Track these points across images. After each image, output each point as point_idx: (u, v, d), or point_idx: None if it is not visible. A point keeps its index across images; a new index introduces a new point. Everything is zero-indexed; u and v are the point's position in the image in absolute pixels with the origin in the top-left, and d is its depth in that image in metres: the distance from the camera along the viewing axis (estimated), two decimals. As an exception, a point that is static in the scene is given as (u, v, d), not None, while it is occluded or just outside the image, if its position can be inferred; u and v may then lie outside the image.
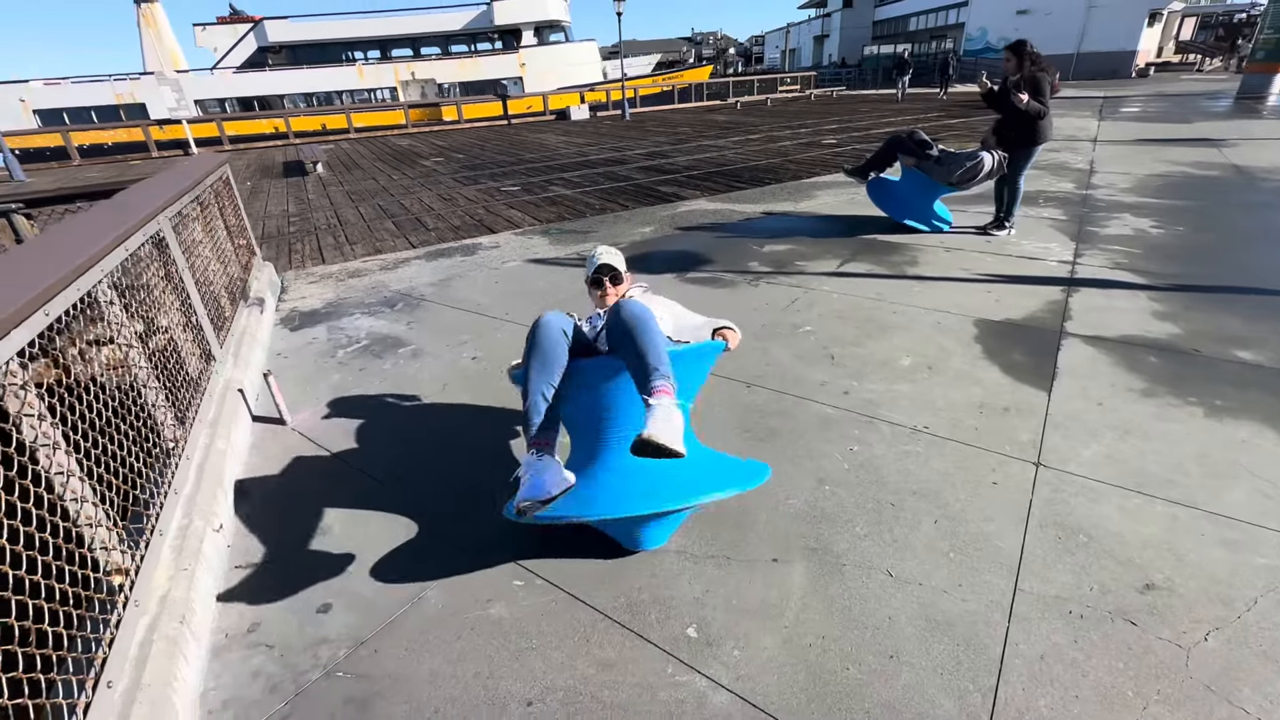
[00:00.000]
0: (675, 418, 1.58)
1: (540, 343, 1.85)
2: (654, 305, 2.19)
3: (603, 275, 2.20)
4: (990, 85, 5.17)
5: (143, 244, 2.37)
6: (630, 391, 1.79)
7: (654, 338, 1.73)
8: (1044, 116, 5.06)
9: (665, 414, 1.57)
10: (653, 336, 1.73)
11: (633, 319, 1.75)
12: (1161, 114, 13.98)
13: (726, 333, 2.08)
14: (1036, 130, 5.13)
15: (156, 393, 2.17)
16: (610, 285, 2.21)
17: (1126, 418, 2.66)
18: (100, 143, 21.33)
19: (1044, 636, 1.69)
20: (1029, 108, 4.92)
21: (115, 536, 1.61)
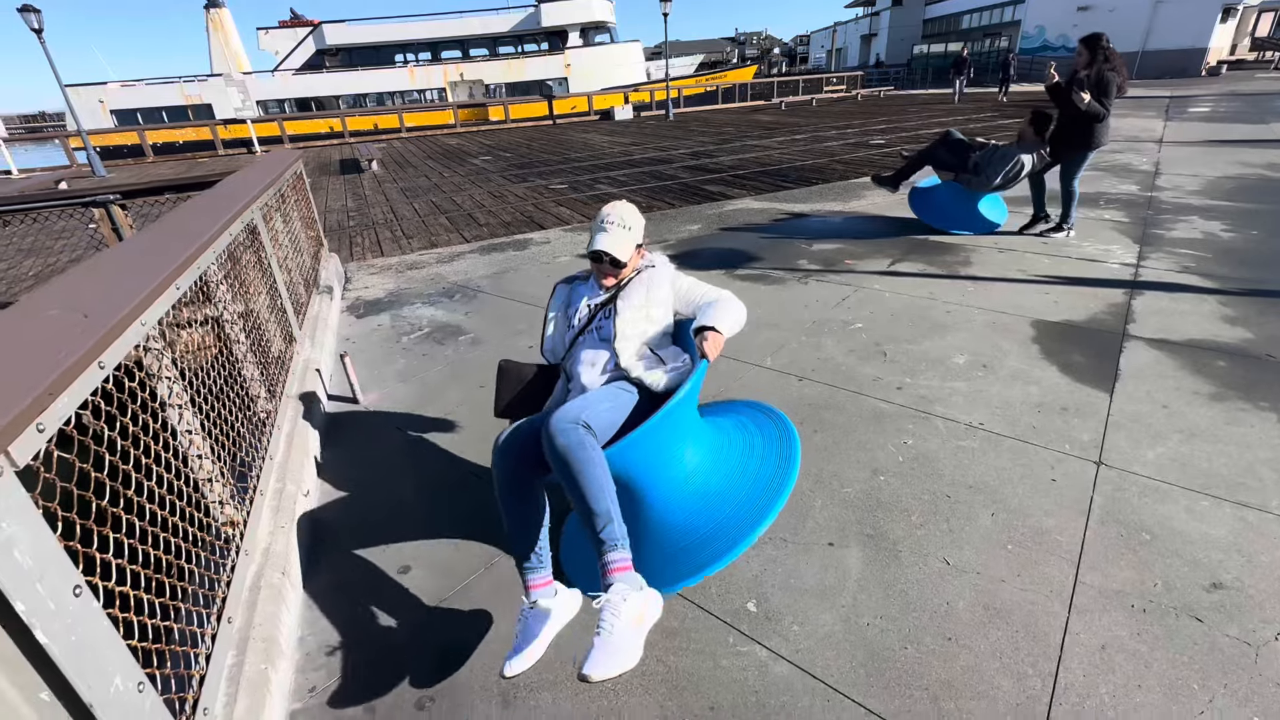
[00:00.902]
0: (630, 617, 1.36)
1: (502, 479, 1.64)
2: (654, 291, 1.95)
3: (599, 261, 1.93)
4: (1056, 78, 5.01)
5: (241, 231, 2.57)
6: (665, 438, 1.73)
7: (591, 484, 1.47)
8: (1103, 119, 4.82)
9: (613, 626, 1.33)
10: (590, 482, 1.46)
11: (563, 460, 1.48)
12: (1234, 114, 13.29)
13: (707, 340, 1.75)
14: (1092, 133, 4.89)
15: (253, 367, 2.35)
16: (610, 267, 1.93)
17: (1194, 421, 2.61)
18: (172, 141, 22.58)
19: (1105, 628, 1.70)
20: (1089, 108, 4.71)
21: (228, 491, 1.78)
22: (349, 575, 2.04)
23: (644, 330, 1.93)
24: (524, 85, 33.91)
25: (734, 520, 1.74)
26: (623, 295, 1.96)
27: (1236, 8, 28.46)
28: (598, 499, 1.47)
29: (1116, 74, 4.75)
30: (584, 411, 1.59)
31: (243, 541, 1.74)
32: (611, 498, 1.50)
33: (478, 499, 2.39)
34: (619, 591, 1.39)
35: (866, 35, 49.61)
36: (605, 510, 1.48)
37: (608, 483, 1.51)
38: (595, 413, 1.63)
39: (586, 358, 1.92)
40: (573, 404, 1.63)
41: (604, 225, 1.91)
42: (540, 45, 35.59)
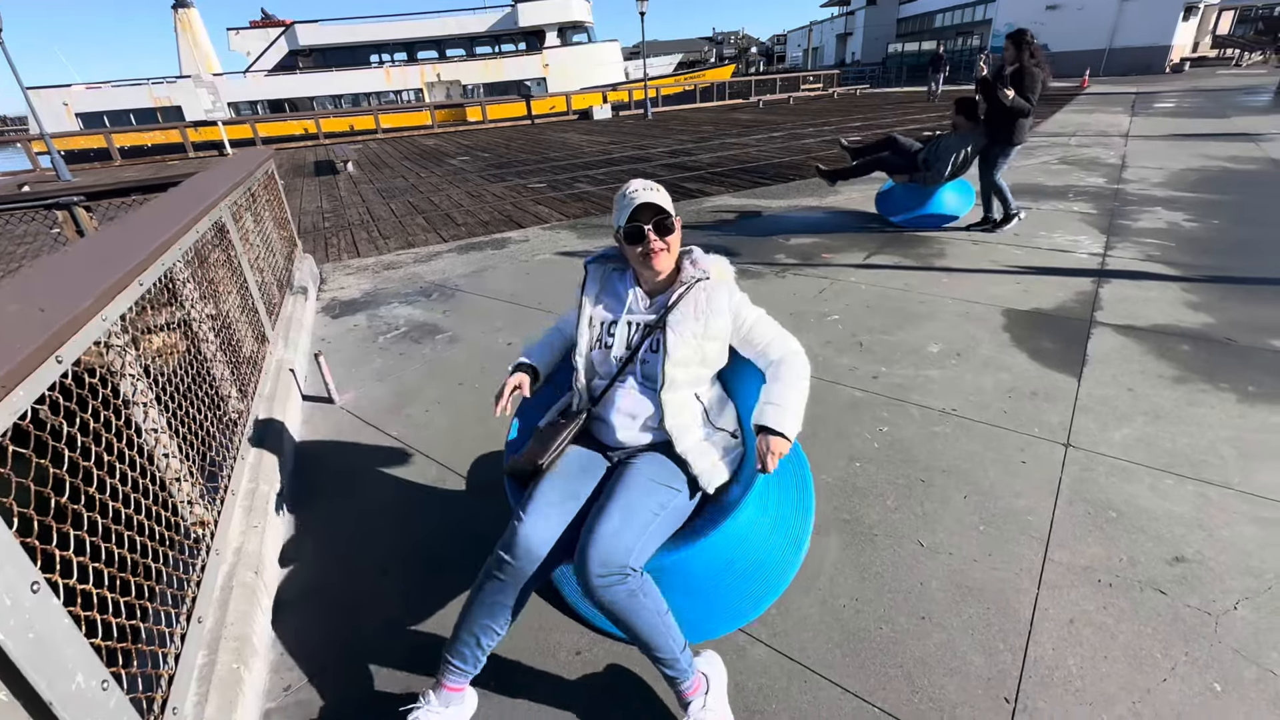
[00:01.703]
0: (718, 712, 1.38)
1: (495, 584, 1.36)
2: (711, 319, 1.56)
3: (642, 222, 1.49)
4: (985, 71, 5.13)
5: (208, 229, 2.53)
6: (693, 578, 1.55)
7: (651, 633, 1.31)
8: (1027, 115, 4.88)
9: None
10: (649, 632, 1.31)
11: (611, 614, 1.30)
12: (1197, 109, 13.68)
13: (770, 450, 1.40)
14: (1014, 129, 4.95)
15: (223, 366, 2.31)
16: (656, 237, 1.50)
17: (1158, 403, 2.68)
18: (140, 144, 22.07)
19: (1073, 602, 1.74)
20: (1013, 103, 4.78)
21: (197, 491, 1.75)
22: (325, 576, 2.02)
23: (697, 375, 1.56)
24: (502, 85, 33.73)
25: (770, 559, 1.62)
26: (673, 318, 1.54)
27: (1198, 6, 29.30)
28: (661, 647, 1.33)
29: (1040, 70, 4.80)
30: (631, 550, 1.30)
31: (213, 541, 1.71)
32: (673, 634, 1.35)
33: (456, 499, 2.37)
34: (699, 707, 1.37)
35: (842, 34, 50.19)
36: (670, 653, 1.34)
37: (667, 623, 1.34)
38: (642, 542, 1.34)
39: (625, 406, 1.56)
40: (607, 532, 1.30)
41: (634, 190, 1.51)
42: (518, 45, 35.42)
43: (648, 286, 1.63)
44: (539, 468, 1.52)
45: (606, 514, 1.35)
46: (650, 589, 1.32)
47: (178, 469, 1.67)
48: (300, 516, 2.31)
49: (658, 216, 1.51)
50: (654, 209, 1.50)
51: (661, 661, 1.35)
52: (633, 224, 1.50)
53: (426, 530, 2.20)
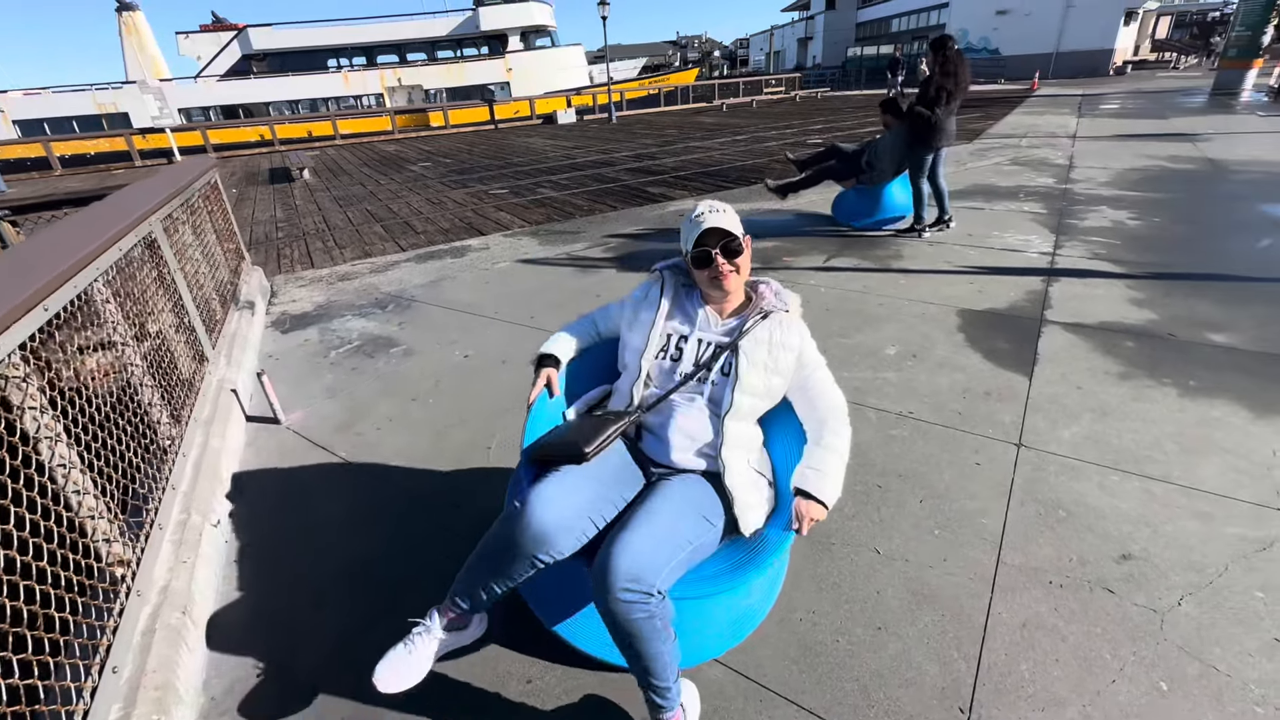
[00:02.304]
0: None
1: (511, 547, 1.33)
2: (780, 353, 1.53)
3: (710, 245, 1.49)
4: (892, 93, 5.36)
5: (135, 244, 2.39)
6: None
7: (657, 660, 1.26)
8: (933, 123, 4.93)
9: None
10: (656, 659, 1.26)
11: (623, 631, 1.23)
12: (1139, 110, 14.25)
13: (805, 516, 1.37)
14: (927, 134, 5.00)
15: (152, 391, 2.19)
16: (724, 260, 1.50)
17: (1104, 400, 2.74)
18: (82, 153, 21.13)
19: (1025, 605, 1.75)
20: (913, 111, 5.00)
21: (116, 529, 1.63)
22: (263, 609, 1.92)
23: (755, 407, 1.55)
24: (465, 90, 33.32)
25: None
26: (745, 343, 1.51)
27: (1138, 11, 30.58)
28: (659, 675, 1.27)
29: (950, 79, 4.84)
30: (661, 572, 1.25)
31: (134, 581, 1.60)
32: (675, 663, 1.29)
33: (406, 521, 2.28)
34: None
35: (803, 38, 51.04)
36: (666, 681, 1.28)
37: (673, 652, 1.28)
38: (671, 567, 1.28)
39: (685, 425, 1.52)
40: (643, 547, 1.25)
41: (700, 214, 1.51)
42: (480, 49, 35.07)
43: (717, 307, 1.61)
44: (581, 454, 1.42)
45: (643, 528, 1.30)
46: (667, 616, 1.26)
47: (93, 506, 1.56)
48: (239, 546, 2.19)
49: (725, 240, 1.50)
50: (721, 233, 1.49)
51: (655, 689, 1.30)
52: (700, 249, 1.50)
53: (373, 554, 2.11)
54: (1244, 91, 17.08)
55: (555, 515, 1.30)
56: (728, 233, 1.49)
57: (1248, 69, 17.25)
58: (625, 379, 1.64)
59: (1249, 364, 2.98)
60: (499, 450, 2.67)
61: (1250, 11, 17.13)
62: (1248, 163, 7.72)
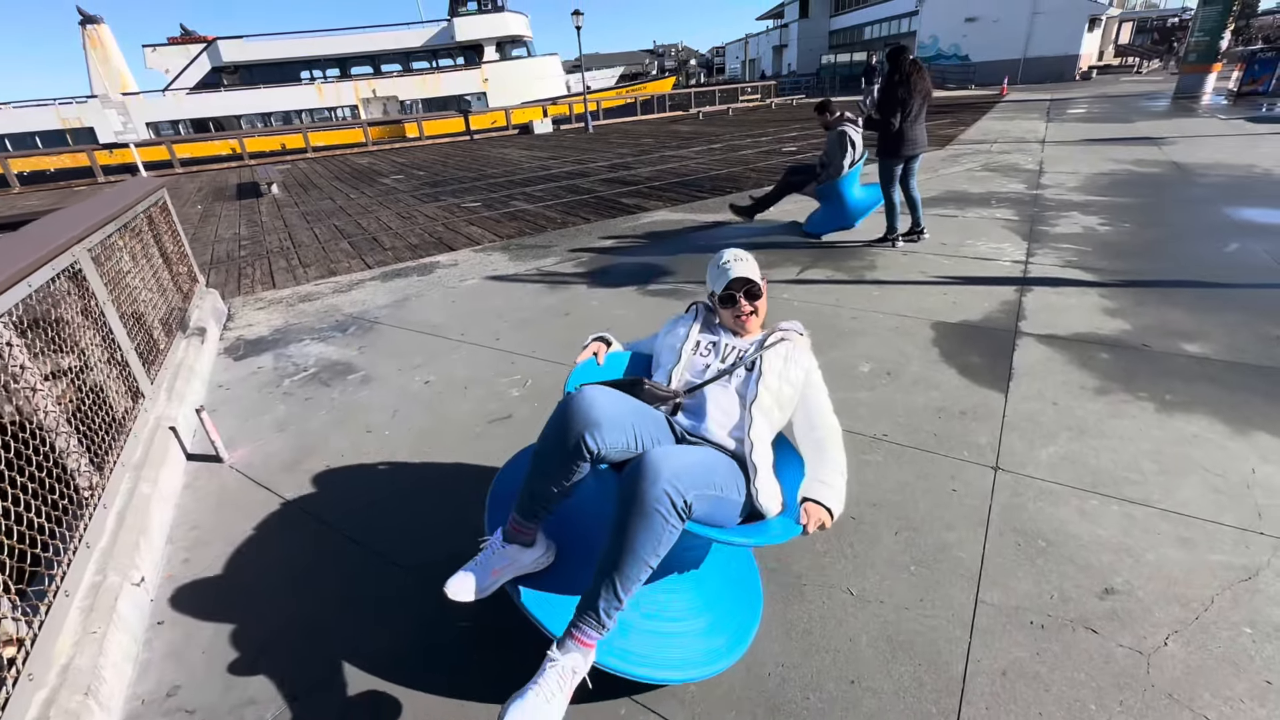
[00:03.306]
0: (569, 691, 1.29)
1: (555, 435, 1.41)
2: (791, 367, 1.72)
3: (736, 291, 1.77)
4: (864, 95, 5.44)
5: (52, 278, 2.22)
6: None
7: (637, 562, 1.28)
8: (889, 131, 4.92)
9: (559, 694, 1.27)
10: (636, 561, 1.28)
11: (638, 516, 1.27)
12: (1105, 115, 14.52)
13: (812, 517, 1.46)
14: (895, 144, 4.99)
15: (68, 438, 2.01)
16: (746, 302, 1.78)
17: (1081, 417, 2.67)
18: (43, 169, 20.54)
19: (1005, 650, 1.65)
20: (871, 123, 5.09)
21: (6, 604, 1.46)
22: (184, 679, 1.75)
23: (771, 407, 1.66)
24: (440, 101, 33.13)
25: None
26: (767, 352, 1.71)
27: (1100, 18, 31.37)
28: (625, 578, 1.29)
29: (903, 88, 4.79)
30: (704, 490, 1.33)
31: (25, 664, 1.43)
32: (636, 587, 1.32)
33: (355, 568, 2.13)
34: (574, 661, 1.31)
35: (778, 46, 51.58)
36: (626, 591, 1.31)
37: (645, 572, 1.31)
38: (707, 499, 1.35)
39: (721, 403, 1.66)
40: (689, 463, 1.34)
41: (727, 262, 1.81)
42: (456, 60, 34.90)
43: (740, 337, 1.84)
44: (639, 382, 1.64)
45: (687, 454, 1.40)
46: (673, 540, 1.31)
47: (-25, 581, 1.39)
48: (165, 606, 2.02)
49: (748, 286, 1.78)
50: (745, 280, 1.78)
51: (612, 592, 1.30)
52: (727, 292, 1.79)
53: (315, 607, 1.95)
54: (1204, 95, 17.53)
55: (606, 405, 1.41)
56: (750, 280, 1.78)
57: (1208, 73, 17.70)
58: (664, 367, 1.83)
59: (1222, 375, 2.94)
60: (456, 488, 2.52)
61: (1209, 17, 17.60)
62: (1211, 166, 7.84)
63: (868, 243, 5.54)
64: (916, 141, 4.98)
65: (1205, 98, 17.27)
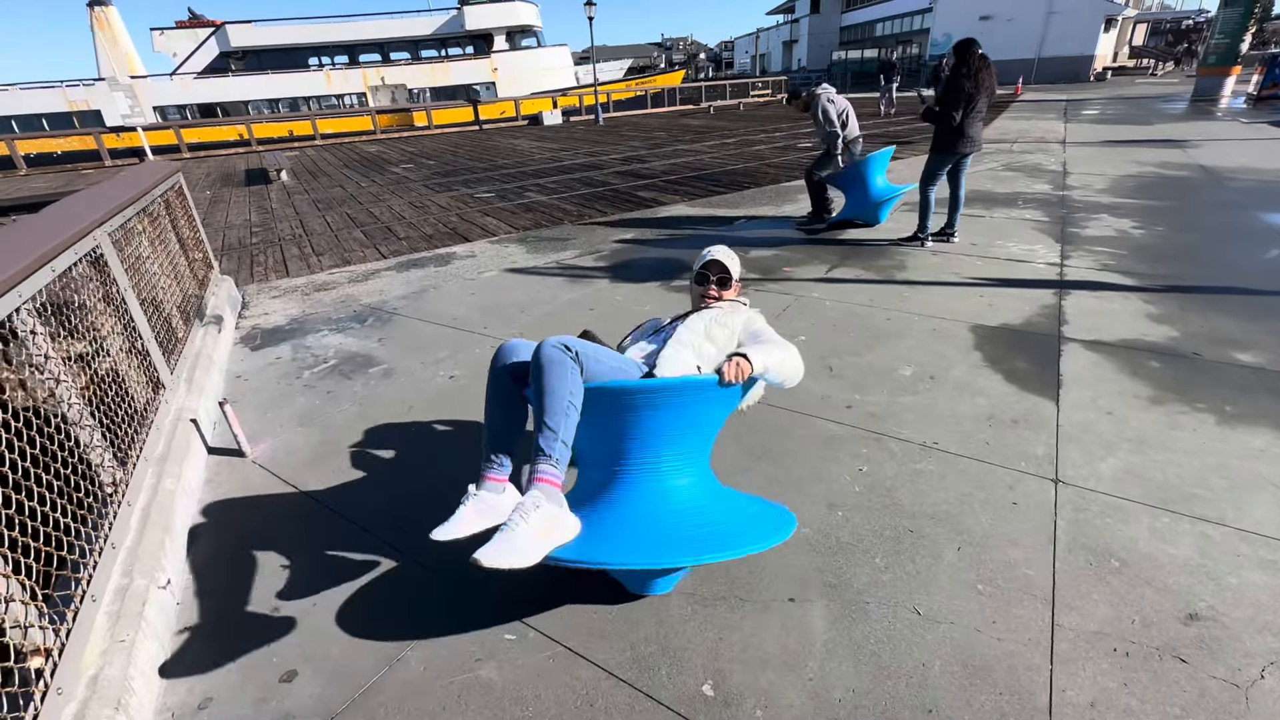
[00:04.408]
0: (538, 523, 1.40)
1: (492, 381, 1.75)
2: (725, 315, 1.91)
3: (710, 272, 2.06)
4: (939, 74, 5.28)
5: (75, 263, 2.12)
6: (646, 422, 1.64)
7: (556, 399, 1.51)
8: (947, 124, 4.75)
9: (517, 526, 1.38)
10: (555, 399, 1.51)
11: (540, 369, 1.54)
12: (1123, 116, 14.33)
13: (730, 362, 1.61)
14: (941, 138, 4.86)
15: (91, 431, 1.91)
16: (716, 286, 2.05)
17: (1139, 428, 2.56)
18: (49, 151, 20.40)
19: (1091, 679, 1.55)
20: (923, 114, 5.00)
21: (34, 611, 1.37)
22: (216, 689, 1.65)
23: (698, 345, 1.84)
24: (449, 90, 32.87)
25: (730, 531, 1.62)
26: (697, 311, 1.97)
27: (1116, 19, 31.04)
28: (554, 413, 1.50)
29: (968, 81, 4.61)
30: (583, 349, 1.60)
31: (54, 676, 1.34)
32: (569, 423, 1.52)
33: (384, 570, 2.03)
34: (535, 499, 1.43)
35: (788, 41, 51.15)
36: (556, 425, 1.50)
37: (572, 410, 1.53)
38: (594, 358, 1.62)
39: (640, 345, 1.95)
40: (576, 339, 1.63)
41: (710, 249, 2.12)
42: (465, 49, 34.62)
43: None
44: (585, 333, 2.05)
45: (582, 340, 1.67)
46: (576, 379, 1.55)
47: (2, 589, 1.29)
48: (191, 611, 1.92)
49: (721, 274, 2.06)
50: (721, 265, 2.06)
51: (544, 431, 1.50)
52: (701, 271, 2.08)
53: (350, 617, 1.86)
54: (1223, 98, 17.32)
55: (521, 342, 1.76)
56: (725, 268, 2.06)
57: (1226, 75, 17.48)
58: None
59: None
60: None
61: (1229, 19, 17.36)
62: (1239, 170, 7.69)
63: (894, 241, 5.42)
64: (974, 139, 4.82)
65: (1224, 101, 17.06)
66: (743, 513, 1.74)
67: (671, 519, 1.60)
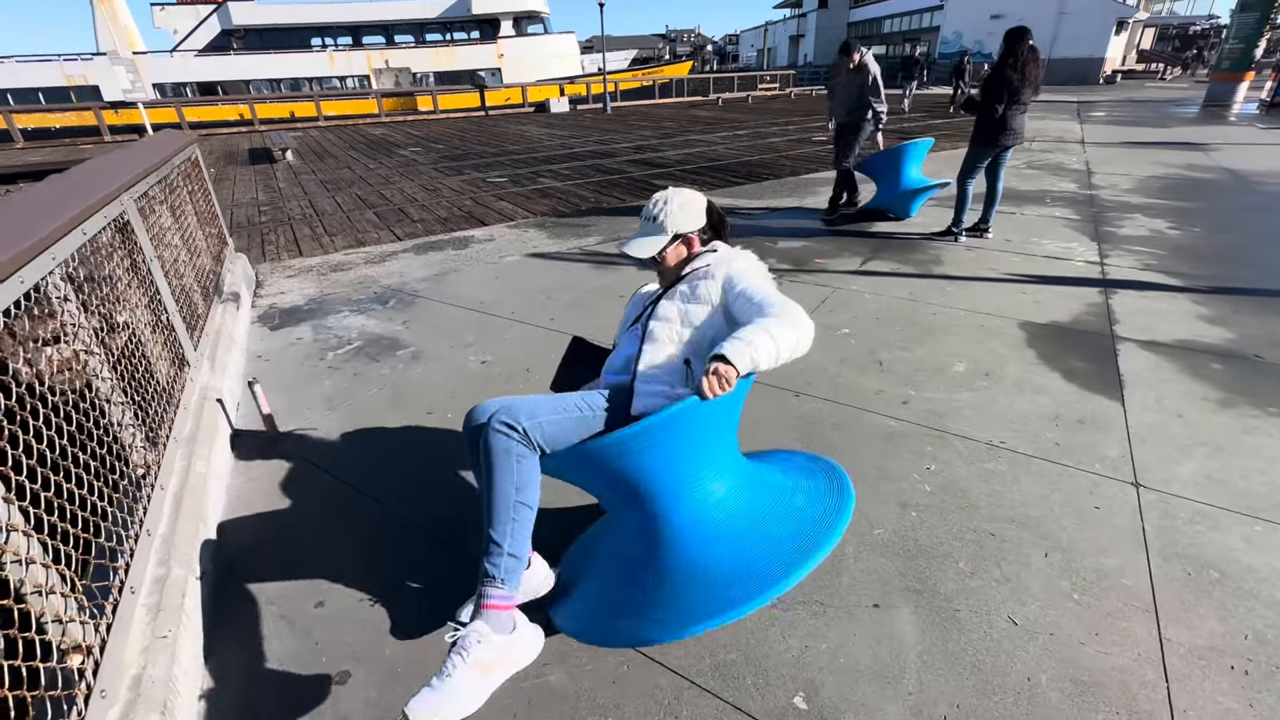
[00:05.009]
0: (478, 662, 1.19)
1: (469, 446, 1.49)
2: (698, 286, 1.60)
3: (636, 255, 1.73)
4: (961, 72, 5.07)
5: (104, 228, 1.97)
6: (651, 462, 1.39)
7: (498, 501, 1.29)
8: (991, 117, 4.60)
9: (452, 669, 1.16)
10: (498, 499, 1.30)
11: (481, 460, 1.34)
12: (1137, 119, 14.22)
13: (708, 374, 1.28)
14: (982, 129, 4.71)
15: (123, 409, 1.77)
16: (656, 262, 1.75)
17: (1213, 432, 2.45)
18: (47, 126, 20.03)
19: (1213, 699, 1.44)
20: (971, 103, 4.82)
21: (73, 604, 1.24)
22: (264, 695, 1.53)
23: (678, 336, 1.58)
24: (454, 75, 32.47)
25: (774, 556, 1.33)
26: (667, 294, 1.67)
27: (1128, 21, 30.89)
28: (499, 521, 1.31)
29: (1017, 73, 4.46)
30: (533, 417, 1.37)
31: (96, 677, 1.21)
32: (519, 529, 1.32)
33: (436, 571, 1.91)
34: (476, 631, 1.23)
35: (795, 36, 50.80)
36: (502, 537, 1.30)
37: (522, 511, 1.32)
38: (550, 418, 1.39)
39: (624, 345, 1.69)
40: (527, 402, 1.41)
41: (642, 220, 1.77)
42: (471, 34, 34.17)
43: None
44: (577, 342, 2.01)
45: (530, 398, 1.45)
46: (527, 468, 1.34)
47: (41, 579, 1.16)
48: (228, 603, 1.79)
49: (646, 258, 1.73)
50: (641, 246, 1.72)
51: (489, 542, 1.30)
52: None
53: (399, 614, 1.73)
54: (1236, 103, 17.22)
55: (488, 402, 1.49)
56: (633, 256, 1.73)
57: (1240, 81, 17.38)
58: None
59: (1354, 392, 2.72)
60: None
61: (1244, 24, 17.24)
62: (1266, 174, 7.59)
63: (926, 235, 5.30)
64: (1017, 132, 4.67)
65: (1236, 106, 16.96)
66: (790, 503, 1.51)
67: (731, 543, 1.40)
